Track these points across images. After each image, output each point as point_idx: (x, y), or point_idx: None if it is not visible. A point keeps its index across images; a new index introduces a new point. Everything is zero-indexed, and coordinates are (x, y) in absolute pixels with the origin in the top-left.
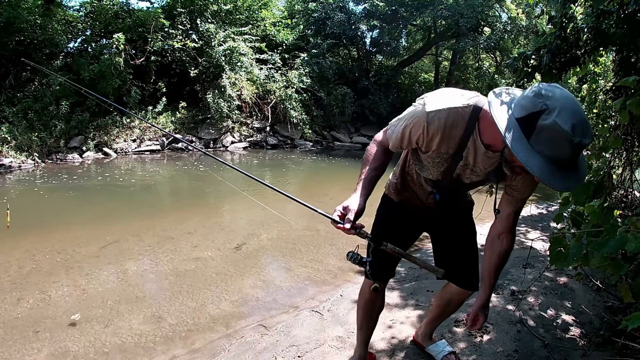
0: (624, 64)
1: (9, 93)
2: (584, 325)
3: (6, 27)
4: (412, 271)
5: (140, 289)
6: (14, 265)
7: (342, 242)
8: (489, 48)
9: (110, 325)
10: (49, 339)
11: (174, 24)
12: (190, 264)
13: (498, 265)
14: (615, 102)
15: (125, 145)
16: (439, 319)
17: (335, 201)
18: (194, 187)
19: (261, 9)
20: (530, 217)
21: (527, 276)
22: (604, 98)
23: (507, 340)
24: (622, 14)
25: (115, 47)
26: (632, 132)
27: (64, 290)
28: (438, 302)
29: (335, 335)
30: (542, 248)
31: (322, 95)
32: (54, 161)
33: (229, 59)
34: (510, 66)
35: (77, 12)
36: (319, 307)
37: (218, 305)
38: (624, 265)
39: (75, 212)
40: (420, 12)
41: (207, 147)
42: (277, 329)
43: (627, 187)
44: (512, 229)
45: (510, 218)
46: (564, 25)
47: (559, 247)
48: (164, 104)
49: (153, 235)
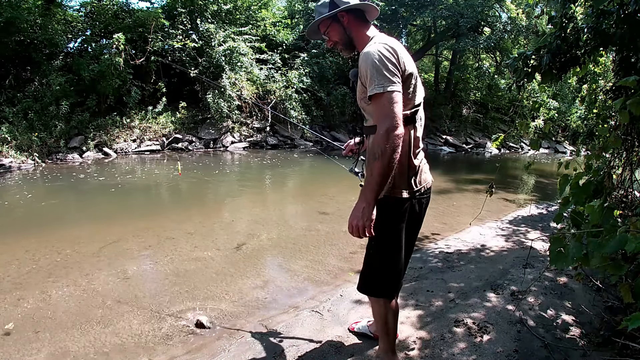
0: (624, 64)
1: (9, 93)
2: (584, 325)
3: (6, 27)
4: (412, 271)
5: (140, 289)
6: (14, 265)
7: (342, 242)
8: (489, 48)
9: (110, 325)
10: (49, 339)
11: (174, 24)
12: (191, 264)
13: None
14: (615, 102)
15: (125, 145)
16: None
17: (335, 201)
18: (194, 187)
19: (261, 9)
20: (530, 217)
21: (527, 276)
22: (604, 98)
23: (507, 340)
24: (622, 14)
25: (115, 47)
26: (632, 132)
27: (64, 290)
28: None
29: (335, 335)
30: (542, 248)
31: (322, 95)
32: (54, 161)
33: (229, 59)
34: (510, 66)
35: (77, 12)
36: (319, 307)
37: (218, 306)
38: (624, 265)
39: (75, 212)
40: (420, 12)
41: (207, 147)
42: (277, 329)
43: (627, 187)
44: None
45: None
46: (564, 25)
47: (559, 247)
48: (164, 104)
49: (153, 235)
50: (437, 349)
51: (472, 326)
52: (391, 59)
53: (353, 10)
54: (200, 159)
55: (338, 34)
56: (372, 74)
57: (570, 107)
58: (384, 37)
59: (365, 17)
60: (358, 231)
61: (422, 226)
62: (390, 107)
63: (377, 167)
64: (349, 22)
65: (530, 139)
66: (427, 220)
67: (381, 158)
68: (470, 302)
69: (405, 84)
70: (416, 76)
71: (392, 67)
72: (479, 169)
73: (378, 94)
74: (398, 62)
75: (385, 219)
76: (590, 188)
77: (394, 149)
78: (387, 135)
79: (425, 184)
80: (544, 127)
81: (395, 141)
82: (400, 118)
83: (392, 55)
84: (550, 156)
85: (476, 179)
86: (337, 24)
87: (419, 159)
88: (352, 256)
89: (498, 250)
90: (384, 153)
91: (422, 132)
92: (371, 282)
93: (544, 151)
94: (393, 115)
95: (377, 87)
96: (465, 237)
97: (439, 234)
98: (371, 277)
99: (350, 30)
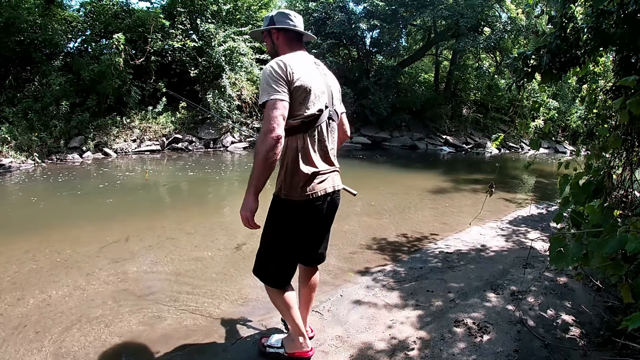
0: (624, 64)
1: (9, 93)
2: (584, 325)
3: (6, 27)
4: (412, 271)
5: (140, 289)
6: (14, 265)
7: (342, 242)
8: (489, 48)
9: (110, 325)
10: (49, 339)
11: (174, 24)
12: (191, 264)
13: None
14: (615, 101)
15: (125, 145)
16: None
17: None
18: (194, 187)
19: (261, 9)
20: (531, 217)
21: (527, 276)
22: (604, 98)
23: (507, 340)
24: (622, 14)
25: (115, 47)
26: (632, 132)
27: (64, 290)
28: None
29: (335, 335)
30: (542, 248)
31: None
32: (54, 161)
33: (229, 59)
34: (510, 66)
35: (77, 12)
36: (319, 307)
37: (218, 306)
38: (624, 265)
39: (75, 212)
40: (420, 12)
41: (207, 148)
42: (277, 329)
43: (627, 187)
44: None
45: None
46: (564, 25)
47: (559, 247)
48: (164, 104)
49: (153, 235)
50: (437, 349)
51: (472, 326)
52: (279, 72)
53: (286, 30)
54: (200, 159)
55: (268, 46)
56: (262, 86)
57: (570, 107)
58: (292, 55)
59: (299, 38)
60: (246, 222)
61: (422, 226)
62: (269, 112)
63: (255, 164)
64: (278, 38)
65: (530, 139)
66: (427, 220)
67: (257, 156)
68: (470, 302)
69: (294, 95)
70: (314, 90)
71: (279, 78)
72: (479, 169)
73: (264, 102)
74: (286, 75)
75: (276, 216)
76: (590, 188)
77: (268, 149)
78: (263, 136)
79: (321, 191)
80: (544, 127)
81: (269, 142)
82: (277, 122)
83: (281, 68)
84: (550, 156)
85: (476, 179)
86: (270, 38)
87: (316, 167)
88: (352, 256)
89: (498, 250)
90: (260, 152)
91: (327, 143)
92: (260, 269)
93: (544, 151)
94: (270, 120)
95: (264, 96)
96: (465, 237)
97: (439, 234)
98: (260, 265)
99: (277, 45)
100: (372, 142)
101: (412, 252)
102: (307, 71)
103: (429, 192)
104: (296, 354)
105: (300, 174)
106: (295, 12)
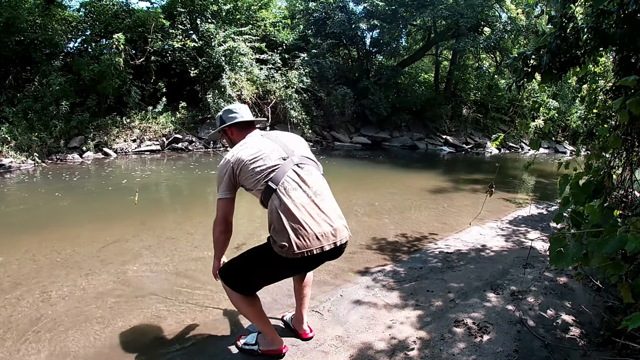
0: (624, 64)
1: (9, 93)
2: (584, 325)
3: (6, 27)
4: (412, 271)
5: (140, 289)
6: (14, 265)
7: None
8: (489, 48)
9: (110, 325)
10: (49, 339)
11: (174, 24)
12: (191, 264)
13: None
14: (615, 101)
15: (125, 145)
16: (302, 298)
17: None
18: (194, 187)
19: (261, 9)
20: (530, 217)
21: (527, 276)
22: (604, 98)
23: (507, 340)
24: (622, 14)
25: (115, 47)
26: (632, 132)
27: (64, 290)
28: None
29: (335, 335)
30: (542, 248)
31: (322, 95)
32: (54, 161)
33: (229, 59)
34: (510, 66)
35: (77, 12)
36: (319, 307)
37: (218, 305)
38: (624, 265)
39: (75, 212)
40: (420, 12)
41: (207, 147)
42: (277, 329)
43: (627, 187)
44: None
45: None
46: (564, 25)
47: (559, 247)
48: (164, 104)
49: (153, 235)
50: (437, 349)
51: (472, 326)
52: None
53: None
54: (200, 159)
55: (227, 141)
56: (217, 182)
57: (570, 107)
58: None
59: (249, 124)
60: (214, 275)
61: (422, 226)
62: (217, 209)
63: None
64: (232, 133)
65: (530, 139)
66: (427, 220)
67: (213, 236)
68: (470, 302)
69: (245, 175)
70: (261, 155)
71: (225, 178)
72: (478, 169)
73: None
74: (232, 173)
75: (264, 257)
76: (590, 188)
77: (216, 236)
78: (214, 226)
79: (317, 249)
80: (544, 127)
81: (215, 233)
82: (221, 220)
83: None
84: (550, 156)
85: (476, 179)
86: (226, 135)
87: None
88: (352, 256)
89: (498, 250)
90: (213, 234)
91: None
92: (228, 277)
93: (544, 151)
94: (218, 217)
95: (218, 194)
96: (465, 237)
97: (439, 234)
98: (229, 274)
99: (234, 138)
100: (372, 142)
101: (412, 252)
102: (252, 148)
103: (429, 192)
104: (269, 351)
105: (283, 230)
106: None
